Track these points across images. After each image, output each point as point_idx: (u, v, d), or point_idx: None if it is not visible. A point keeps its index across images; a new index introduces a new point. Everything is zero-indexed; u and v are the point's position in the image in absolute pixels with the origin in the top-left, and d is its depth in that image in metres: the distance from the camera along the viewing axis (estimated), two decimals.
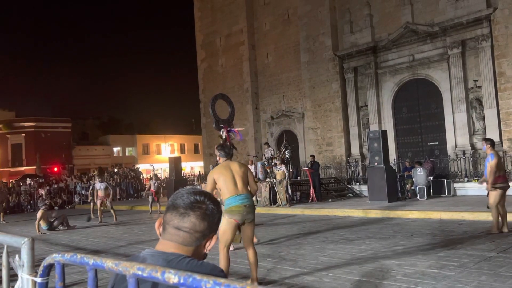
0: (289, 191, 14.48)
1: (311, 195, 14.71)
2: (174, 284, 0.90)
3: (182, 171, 25.31)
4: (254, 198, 5.51)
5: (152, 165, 24.58)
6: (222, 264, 4.52)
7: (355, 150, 21.23)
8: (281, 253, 6.77)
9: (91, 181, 24.23)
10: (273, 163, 14.84)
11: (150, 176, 19.96)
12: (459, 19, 17.25)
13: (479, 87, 17.30)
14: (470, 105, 17.63)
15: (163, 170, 42.01)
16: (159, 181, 16.71)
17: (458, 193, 13.96)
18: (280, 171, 14.07)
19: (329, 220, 10.55)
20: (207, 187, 4.80)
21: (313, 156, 17.07)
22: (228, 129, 5.86)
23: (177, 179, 19.53)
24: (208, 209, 1.34)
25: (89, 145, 45.37)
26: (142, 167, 39.25)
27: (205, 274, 0.99)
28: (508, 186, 7.54)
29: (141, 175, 29.39)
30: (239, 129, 5.99)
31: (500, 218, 7.34)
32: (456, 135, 17.82)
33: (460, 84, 17.65)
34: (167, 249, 1.30)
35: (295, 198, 15.10)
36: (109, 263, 1.06)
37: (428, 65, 18.88)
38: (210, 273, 1.22)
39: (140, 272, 0.97)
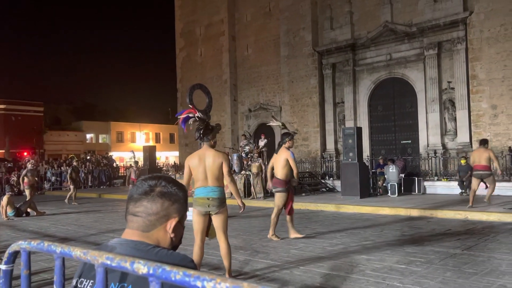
0: (264, 183, 14.53)
1: None
2: (143, 274, 0.88)
3: (157, 161, 25.05)
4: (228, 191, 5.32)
5: (132, 151, 24.08)
6: (194, 252, 4.63)
7: (330, 145, 21.48)
8: (254, 245, 6.81)
9: (62, 167, 23.72)
10: (250, 156, 14.86)
11: (130, 164, 19.63)
12: (437, 21, 17.61)
13: (453, 88, 17.73)
14: (443, 105, 18.07)
15: (137, 158, 41.45)
16: (140, 169, 16.42)
17: (428, 191, 14.32)
18: (256, 163, 14.10)
19: (302, 214, 10.66)
20: (184, 176, 4.73)
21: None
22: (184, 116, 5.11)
23: (151, 168, 19.30)
24: (159, 191, 1.31)
25: (61, 131, 44.31)
26: (115, 155, 38.64)
27: (175, 265, 0.98)
28: None
29: (114, 163, 28.94)
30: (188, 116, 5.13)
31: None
32: (429, 135, 18.25)
33: (434, 84, 18.05)
34: (131, 236, 1.29)
35: (269, 191, 15.17)
36: (77, 252, 1.04)
37: (404, 65, 19.22)
38: (180, 263, 1.20)
39: (109, 262, 0.96)
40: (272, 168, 7.22)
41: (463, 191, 13.10)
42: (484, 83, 16.81)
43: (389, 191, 13.67)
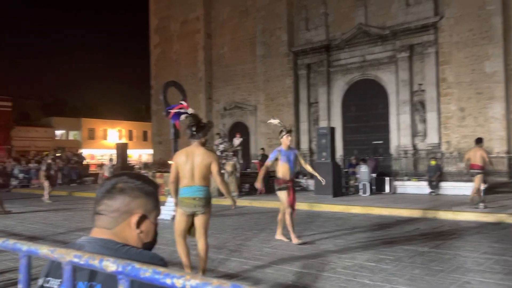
0: (239, 182, 14.54)
1: None
2: (112, 272, 0.88)
3: (129, 159, 24.68)
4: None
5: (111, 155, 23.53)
6: (179, 252, 4.57)
7: (304, 145, 21.67)
8: (227, 243, 6.81)
9: (29, 164, 23.05)
10: (224, 155, 14.83)
11: (102, 162, 19.22)
12: (409, 24, 18.01)
13: (423, 91, 18.19)
14: (414, 107, 18.51)
15: (109, 156, 40.73)
16: (114, 166, 16.12)
17: (398, 190, 14.64)
18: (231, 162, 14.09)
19: (276, 213, 10.68)
20: (170, 173, 4.60)
21: (263, 149, 17.24)
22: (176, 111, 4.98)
23: (123, 166, 19.03)
24: (119, 188, 1.30)
25: (30, 126, 42.97)
26: (86, 152, 37.85)
27: (144, 263, 0.98)
28: None
29: (84, 160, 28.32)
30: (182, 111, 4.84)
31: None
32: (400, 136, 18.67)
33: (406, 87, 18.47)
34: (99, 235, 1.28)
35: (243, 189, 15.20)
36: (44, 250, 1.02)
37: (377, 67, 19.57)
38: (150, 261, 1.19)
39: (77, 260, 0.94)
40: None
41: (432, 191, 13.46)
42: (453, 86, 17.31)
43: (361, 190, 13.91)
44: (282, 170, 6.70)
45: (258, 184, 6.87)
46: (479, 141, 10.36)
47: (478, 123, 16.87)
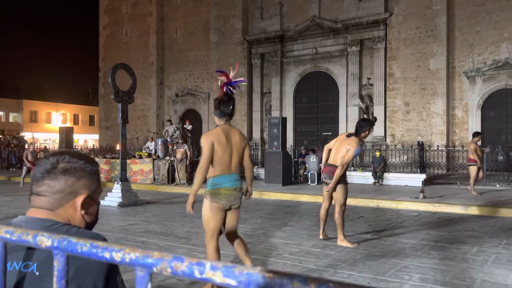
0: (188, 170, 14.39)
1: None
2: (47, 247, 0.83)
3: (74, 143, 23.66)
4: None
5: (32, 133, 22.38)
6: (210, 256, 3.73)
7: (256, 134, 21.80)
8: (175, 230, 6.74)
9: None
10: (175, 141, 14.60)
11: (27, 145, 18.23)
12: (360, 19, 18.50)
13: (372, 85, 18.82)
14: (362, 100, 19.11)
15: (53, 140, 38.96)
16: (35, 150, 15.46)
17: None
18: (182, 149, 13.90)
19: None
20: (203, 156, 3.58)
21: None
22: (231, 82, 3.82)
23: None
24: (62, 168, 1.23)
25: None
26: (28, 135, 35.88)
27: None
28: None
29: (26, 144, 26.84)
30: (241, 81, 3.83)
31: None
32: (348, 128, 19.22)
33: (355, 80, 19.01)
34: (37, 214, 1.22)
35: (194, 177, 15.09)
36: None
37: (329, 60, 19.98)
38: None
39: (8, 236, 0.88)
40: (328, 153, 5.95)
41: (376, 181, 14.01)
42: (399, 81, 18.04)
43: (310, 180, 14.23)
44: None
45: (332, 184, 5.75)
46: (474, 135, 11.12)
47: (421, 118, 17.73)
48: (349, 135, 5.84)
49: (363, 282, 4.12)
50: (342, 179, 5.81)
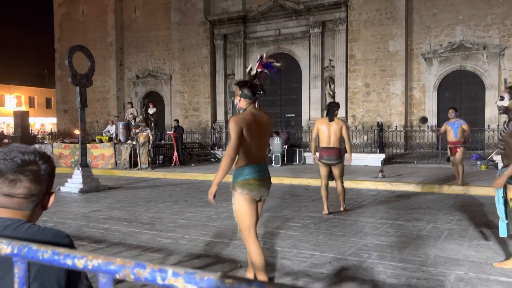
0: (151, 154, 14.21)
1: (174, 159, 14.70)
2: (6, 255, 0.83)
3: (30, 128, 22.82)
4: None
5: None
6: (254, 256, 3.32)
7: (220, 117, 21.72)
8: (139, 216, 6.69)
9: None
10: (138, 125, 14.32)
11: None
12: (322, 1, 18.59)
13: (333, 66, 19.08)
14: (324, 82, 19.38)
15: (7, 125, 37.26)
16: None
17: (307, 161, 15.40)
18: (144, 133, 13.68)
19: (190, 184, 10.71)
20: (232, 143, 3.21)
21: (177, 120, 16.94)
22: (265, 62, 3.78)
23: (23, 136, 17.55)
24: (41, 169, 1.21)
25: None
26: None
27: (47, 242, 0.93)
28: None
29: None
30: (276, 64, 3.73)
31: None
32: (310, 109, 19.51)
33: (317, 62, 19.21)
34: (1, 214, 1.19)
35: (157, 161, 14.91)
36: None
37: (292, 41, 20.04)
38: (53, 239, 1.15)
39: None
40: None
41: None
42: (360, 63, 18.38)
43: (273, 161, 14.40)
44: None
45: None
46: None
47: (381, 99, 18.20)
48: (330, 120, 6.55)
49: (325, 262, 4.27)
50: (341, 159, 6.69)
